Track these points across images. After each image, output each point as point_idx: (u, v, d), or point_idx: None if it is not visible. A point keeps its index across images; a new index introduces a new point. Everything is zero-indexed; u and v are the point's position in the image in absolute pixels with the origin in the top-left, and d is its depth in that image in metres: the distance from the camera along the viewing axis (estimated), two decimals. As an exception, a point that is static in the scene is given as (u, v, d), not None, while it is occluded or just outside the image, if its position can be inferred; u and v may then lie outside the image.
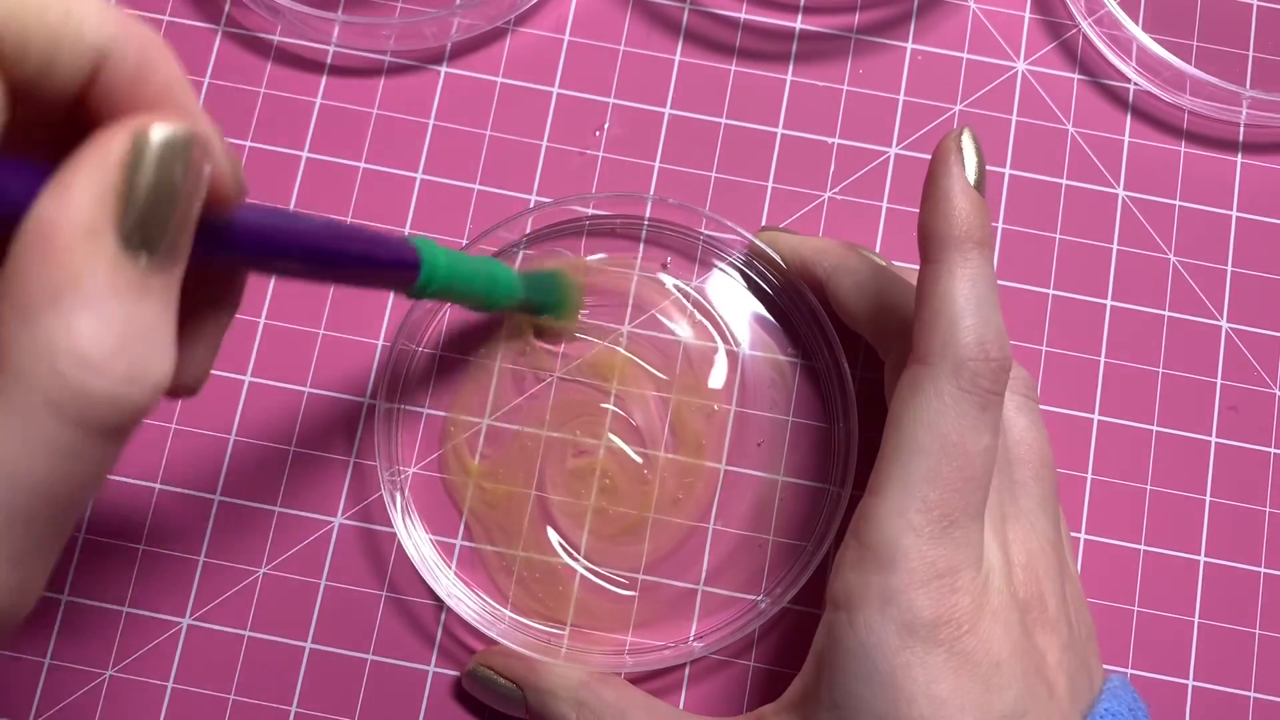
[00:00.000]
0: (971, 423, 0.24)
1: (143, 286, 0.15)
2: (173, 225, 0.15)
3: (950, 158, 0.25)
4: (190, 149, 0.16)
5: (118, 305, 0.15)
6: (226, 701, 0.31)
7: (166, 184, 0.15)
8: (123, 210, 0.15)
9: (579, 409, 0.32)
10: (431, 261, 0.25)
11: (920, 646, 0.23)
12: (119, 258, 0.15)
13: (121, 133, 0.15)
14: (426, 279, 0.25)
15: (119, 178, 0.15)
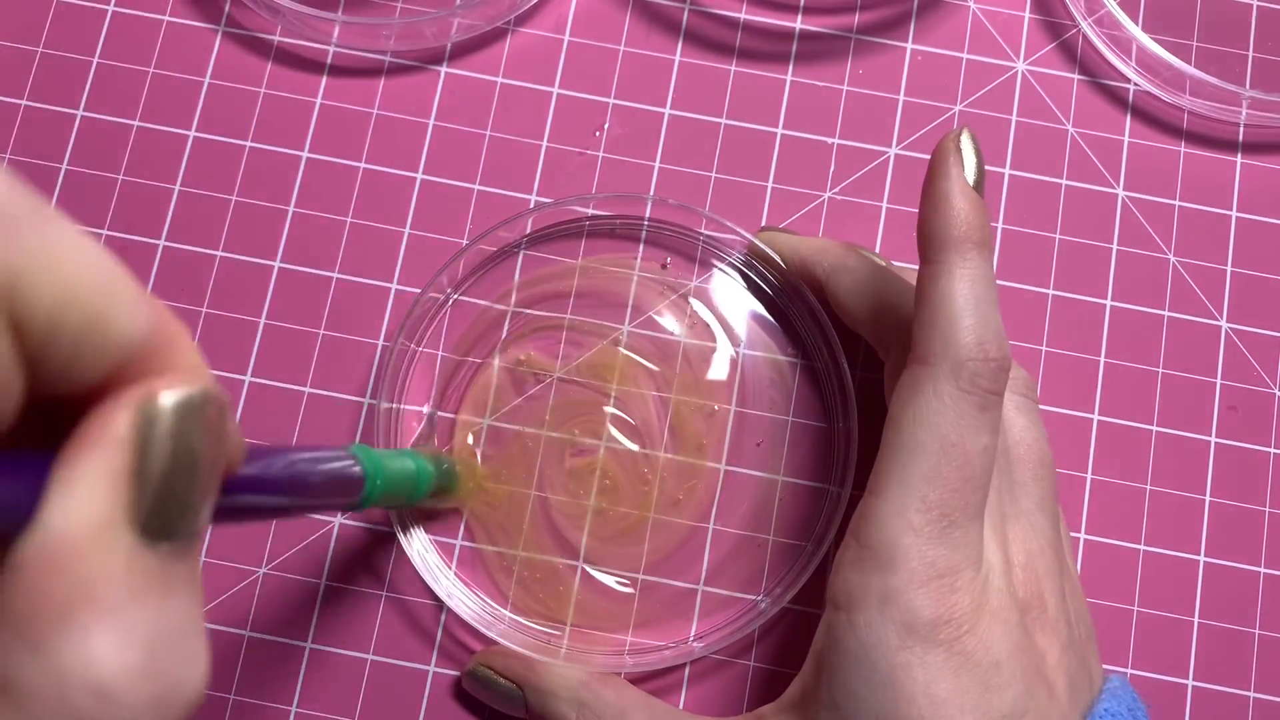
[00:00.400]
0: (971, 423, 0.24)
1: (166, 580, 0.13)
2: (195, 501, 0.13)
3: (949, 158, 0.25)
4: (207, 409, 0.13)
5: (141, 611, 0.12)
6: (226, 701, 0.31)
7: (185, 456, 0.13)
8: (137, 495, 0.12)
9: (579, 409, 0.32)
10: (373, 473, 0.23)
11: (920, 646, 0.23)
12: (137, 552, 0.12)
13: (127, 405, 0.13)
14: (368, 492, 0.23)
15: (129, 458, 0.13)
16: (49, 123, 0.35)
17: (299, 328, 0.33)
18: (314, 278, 0.34)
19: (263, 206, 0.34)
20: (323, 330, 0.33)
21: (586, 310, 0.33)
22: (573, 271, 0.33)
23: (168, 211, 0.34)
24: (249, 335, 0.33)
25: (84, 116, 0.35)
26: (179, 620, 0.13)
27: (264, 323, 0.33)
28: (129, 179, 0.34)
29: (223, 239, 0.34)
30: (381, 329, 0.33)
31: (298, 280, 0.34)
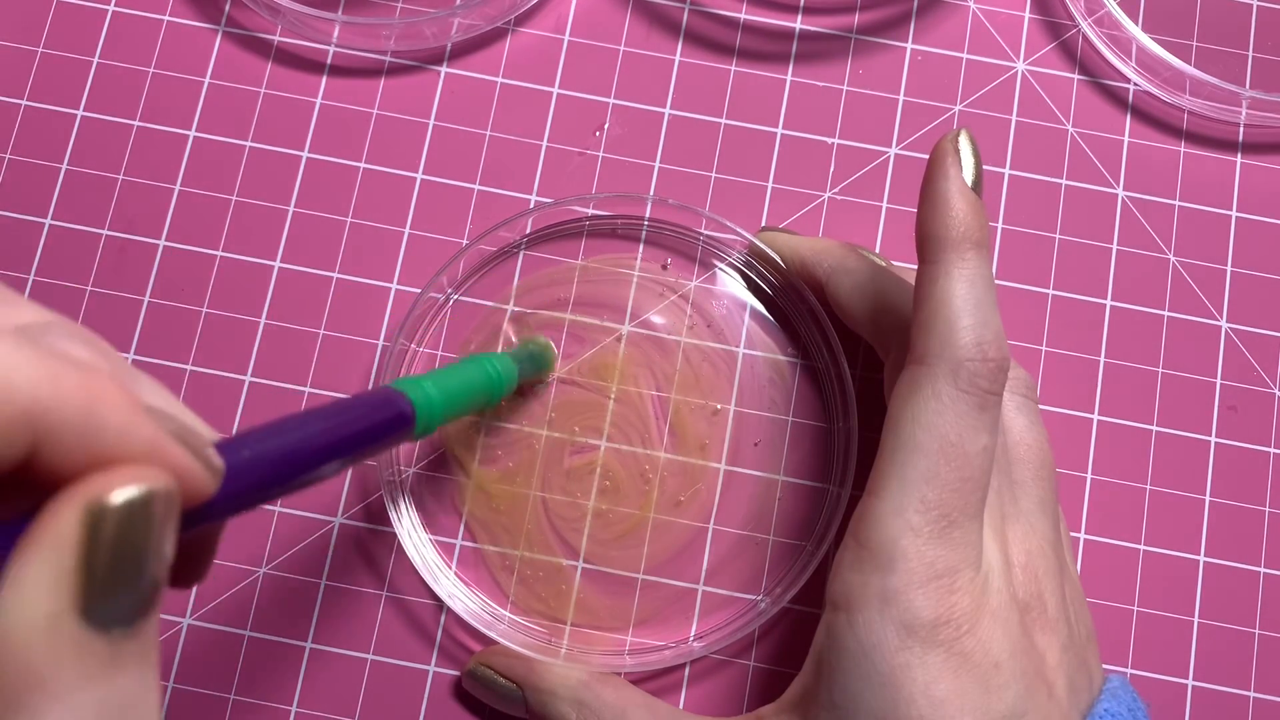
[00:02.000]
0: (970, 423, 0.24)
1: (116, 660, 0.13)
2: (142, 590, 0.14)
3: (947, 159, 0.25)
4: (152, 506, 0.14)
5: (90, 692, 0.13)
6: (226, 701, 0.31)
7: (130, 551, 0.13)
8: (85, 588, 0.13)
9: (579, 409, 0.32)
10: (425, 403, 0.23)
11: (919, 647, 0.23)
12: (85, 639, 0.13)
13: (71, 505, 0.13)
14: (425, 421, 0.23)
15: (76, 557, 0.13)
16: (49, 123, 0.35)
17: (299, 328, 0.33)
18: (314, 278, 0.34)
19: (263, 206, 0.34)
20: (323, 330, 0.33)
21: (587, 310, 0.33)
22: (573, 272, 0.33)
23: (168, 211, 0.34)
24: (249, 335, 0.33)
25: (84, 116, 0.35)
26: (130, 695, 0.13)
27: (264, 323, 0.33)
28: (129, 179, 0.34)
29: (223, 239, 0.34)
30: (381, 329, 0.33)
31: (298, 280, 0.34)
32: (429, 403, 0.23)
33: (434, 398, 0.24)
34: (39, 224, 0.34)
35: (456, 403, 0.25)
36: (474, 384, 0.26)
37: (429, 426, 0.24)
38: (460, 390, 0.25)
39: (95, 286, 0.34)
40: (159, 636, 0.14)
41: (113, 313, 0.33)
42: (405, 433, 0.23)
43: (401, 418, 0.22)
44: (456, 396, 0.25)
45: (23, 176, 0.34)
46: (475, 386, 0.27)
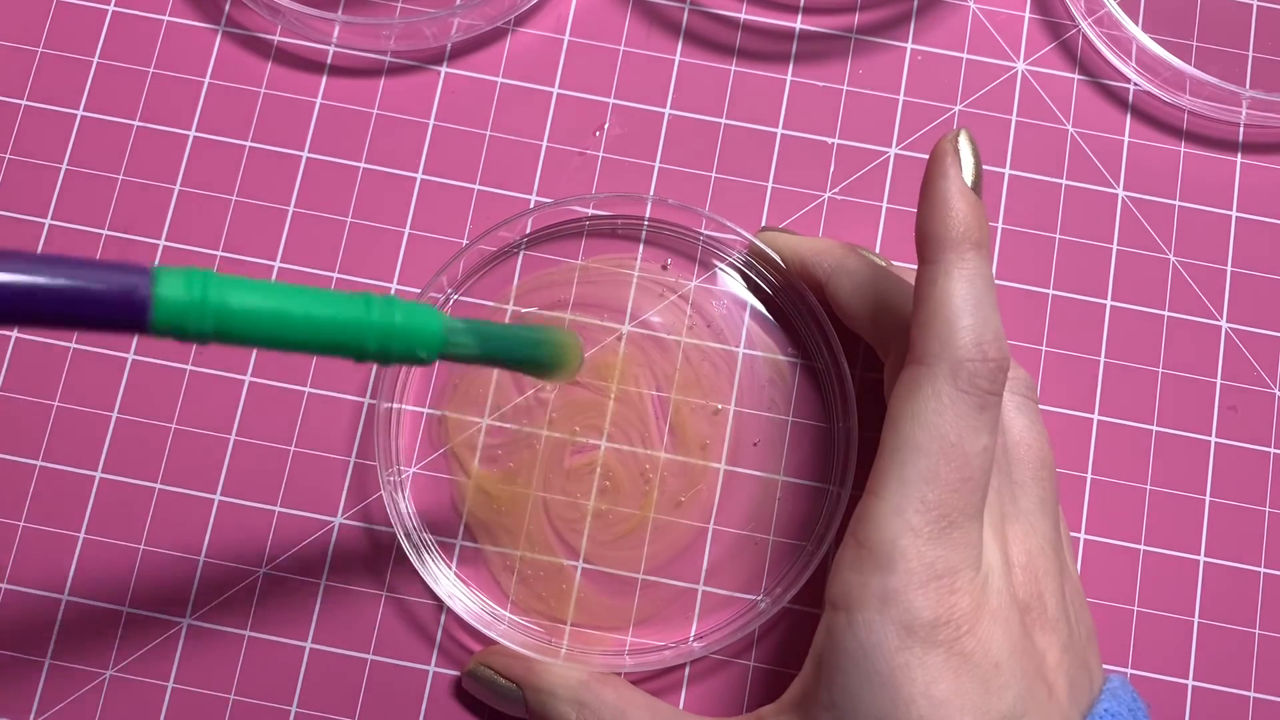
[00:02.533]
0: (969, 423, 0.24)
1: None
2: None
3: (947, 159, 0.25)
4: None
5: None
6: (226, 701, 0.31)
7: None
8: None
9: (579, 409, 0.32)
10: (179, 300, 0.19)
11: (919, 647, 0.23)
12: None
13: None
14: (174, 322, 0.19)
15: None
16: (49, 123, 0.35)
17: (299, 328, 0.33)
18: (314, 278, 0.34)
19: (263, 206, 0.34)
20: (323, 330, 0.33)
21: (587, 311, 0.33)
22: (573, 272, 0.33)
23: (168, 211, 0.34)
24: (249, 335, 0.33)
25: (84, 116, 0.35)
26: None
27: (264, 323, 0.33)
28: (129, 179, 0.34)
29: (223, 239, 0.34)
30: (381, 329, 0.33)
31: (298, 280, 0.34)
32: (189, 304, 0.19)
33: (204, 301, 0.19)
34: (39, 224, 0.34)
35: (251, 322, 0.20)
36: (305, 312, 0.21)
37: (185, 330, 0.19)
38: (271, 310, 0.20)
39: (95, 286, 0.33)
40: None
41: (113, 313, 0.33)
42: (127, 319, 0.19)
43: (126, 302, 0.19)
44: (255, 315, 0.20)
45: (23, 176, 0.34)
46: (305, 316, 0.21)
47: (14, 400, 0.33)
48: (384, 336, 0.21)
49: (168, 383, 0.33)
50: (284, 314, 0.20)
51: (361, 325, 0.21)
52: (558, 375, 0.26)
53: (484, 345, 0.24)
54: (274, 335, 0.20)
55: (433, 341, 0.22)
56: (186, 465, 0.32)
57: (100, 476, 0.32)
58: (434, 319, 0.22)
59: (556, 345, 0.26)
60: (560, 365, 0.26)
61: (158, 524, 0.32)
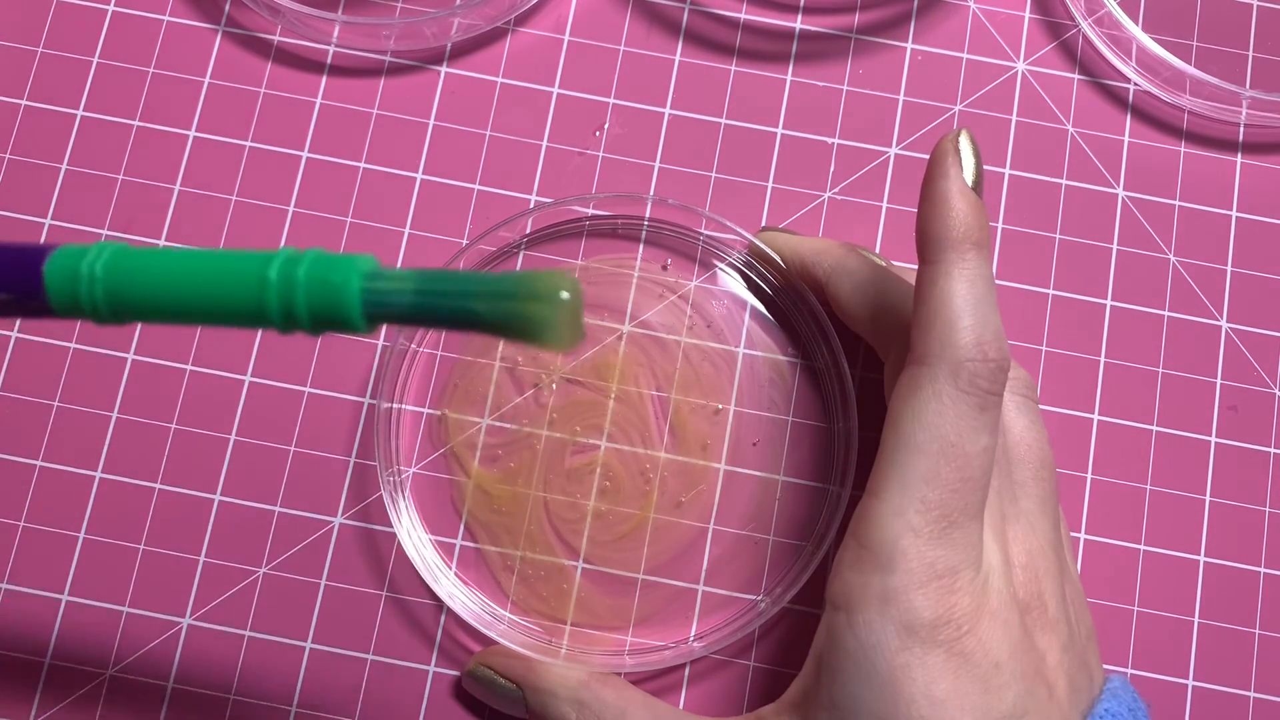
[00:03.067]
0: (970, 423, 0.24)
1: None
2: None
3: (948, 159, 0.25)
4: None
5: None
6: (226, 701, 0.31)
7: None
8: None
9: (579, 409, 0.32)
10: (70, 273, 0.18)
11: (919, 647, 0.23)
12: None
13: None
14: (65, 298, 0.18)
15: None
16: (49, 123, 0.35)
17: (299, 328, 0.33)
18: (314, 278, 0.34)
19: (263, 206, 0.34)
20: (323, 330, 0.33)
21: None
22: (573, 272, 0.33)
23: (168, 211, 0.34)
24: (249, 335, 0.33)
25: (84, 116, 0.35)
26: None
27: (264, 323, 0.33)
28: (129, 179, 0.34)
29: (223, 239, 0.34)
30: (382, 329, 0.33)
31: (298, 280, 0.34)
32: (81, 279, 0.18)
33: (93, 275, 0.18)
34: (39, 224, 0.34)
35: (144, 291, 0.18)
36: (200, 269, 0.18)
37: (84, 305, 0.18)
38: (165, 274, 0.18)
39: (95, 286, 0.33)
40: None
41: (113, 313, 0.33)
42: (29, 298, 0.18)
43: (19, 277, 0.18)
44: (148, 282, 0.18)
45: (23, 176, 0.34)
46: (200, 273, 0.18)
47: (14, 400, 0.33)
48: (285, 295, 0.18)
49: (168, 383, 0.33)
50: (179, 279, 0.18)
51: (260, 284, 0.18)
52: (548, 337, 0.18)
53: (429, 301, 0.18)
54: (171, 304, 0.18)
55: (349, 300, 0.18)
56: (186, 465, 0.32)
57: (100, 476, 0.32)
58: (349, 270, 0.18)
59: (537, 298, 0.18)
60: (546, 324, 0.18)
61: (158, 524, 0.32)
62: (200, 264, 0.18)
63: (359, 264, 0.18)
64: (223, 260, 0.18)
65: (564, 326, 0.18)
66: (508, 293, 0.18)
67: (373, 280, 0.18)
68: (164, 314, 0.19)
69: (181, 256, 0.19)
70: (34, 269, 0.18)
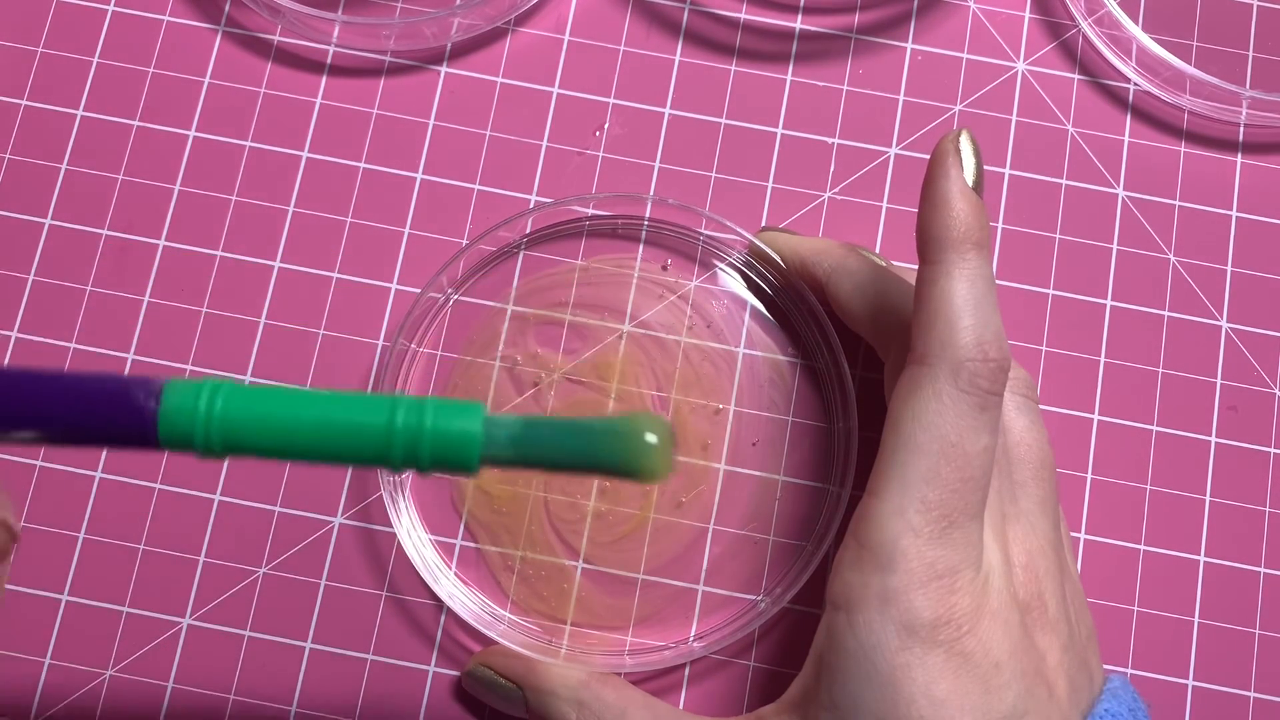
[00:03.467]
0: (970, 423, 0.24)
1: None
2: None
3: (948, 159, 0.25)
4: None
5: None
6: (226, 701, 0.31)
7: None
8: None
9: (580, 409, 0.32)
10: (189, 413, 0.18)
11: (920, 647, 0.23)
12: None
13: None
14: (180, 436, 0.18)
15: None
16: (49, 123, 0.35)
17: (299, 328, 0.33)
18: (314, 278, 0.34)
19: (263, 206, 0.34)
20: (323, 330, 0.33)
21: (587, 310, 0.33)
22: (573, 271, 0.33)
23: (168, 211, 0.34)
24: (249, 335, 0.33)
25: (84, 116, 0.35)
26: None
27: (264, 323, 0.33)
28: (129, 179, 0.34)
29: (223, 239, 0.34)
30: (381, 329, 0.33)
31: (298, 280, 0.34)
32: (198, 418, 0.18)
33: (210, 414, 0.18)
34: (39, 224, 0.34)
35: (262, 433, 0.19)
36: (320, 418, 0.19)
37: (198, 442, 0.18)
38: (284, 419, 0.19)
39: (95, 286, 0.34)
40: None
41: (113, 313, 0.33)
42: (138, 438, 0.18)
43: (131, 418, 0.18)
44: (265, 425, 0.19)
45: (23, 176, 0.34)
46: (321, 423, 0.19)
47: (14, 400, 0.33)
48: (410, 444, 0.19)
49: (168, 383, 0.33)
50: (297, 424, 0.19)
51: (385, 431, 0.19)
52: (644, 476, 0.20)
53: (538, 450, 0.19)
54: (289, 445, 0.19)
55: (469, 449, 0.19)
56: (186, 465, 0.32)
57: (100, 477, 0.32)
58: (472, 422, 0.19)
59: (635, 441, 0.19)
60: (644, 465, 0.19)
61: (158, 524, 0.32)
62: (320, 408, 0.19)
63: (476, 413, 0.19)
64: (343, 405, 0.19)
65: (657, 467, 0.19)
66: (603, 445, 0.19)
67: (493, 434, 0.19)
68: (279, 454, 0.19)
69: (299, 399, 0.19)
70: (144, 411, 0.18)
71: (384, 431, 0.19)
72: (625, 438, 0.19)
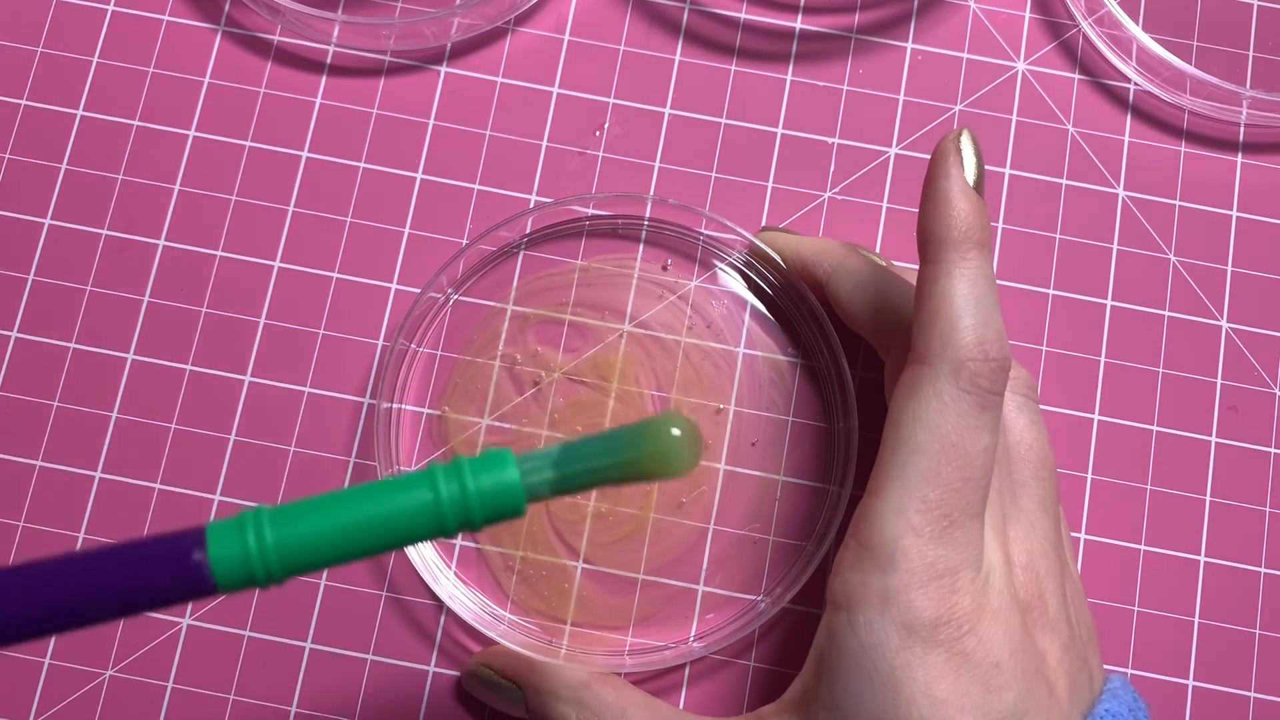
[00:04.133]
0: (971, 423, 0.24)
1: None
2: None
3: (949, 159, 0.25)
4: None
5: None
6: (226, 701, 0.31)
7: None
8: None
9: (580, 409, 0.32)
10: (241, 555, 0.18)
11: (920, 647, 0.23)
12: None
13: None
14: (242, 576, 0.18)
15: None
16: (49, 123, 0.35)
17: (299, 328, 0.33)
18: (314, 278, 0.34)
19: (263, 206, 0.34)
20: (323, 330, 0.33)
21: (587, 311, 0.33)
22: (573, 271, 0.33)
23: (168, 211, 0.34)
24: (249, 335, 0.33)
25: (84, 116, 0.35)
26: None
27: (264, 323, 0.33)
28: (129, 179, 0.34)
29: (223, 239, 0.34)
30: (381, 329, 0.33)
31: (298, 280, 0.34)
32: (251, 555, 0.18)
33: (263, 546, 0.18)
34: (39, 224, 0.34)
35: (319, 550, 0.19)
36: (369, 517, 0.19)
37: (258, 577, 0.19)
38: (330, 533, 0.19)
39: (95, 286, 0.33)
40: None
41: (112, 313, 0.33)
42: (200, 590, 0.19)
43: (187, 577, 0.18)
44: (319, 542, 0.19)
45: (23, 176, 0.34)
46: (371, 522, 0.19)
47: (14, 400, 0.33)
48: (460, 512, 0.19)
49: (168, 383, 0.33)
50: (348, 529, 0.19)
51: (433, 510, 0.19)
52: (678, 471, 0.20)
53: (574, 476, 0.20)
54: (347, 551, 0.19)
55: (514, 496, 0.20)
56: (186, 465, 0.32)
57: (100, 476, 0.32)
58: (508, 470, 0.20)
59: (662, 445, 0.20)
60: (673, 464, 0.20)
61: (158, 524, 0.32)
62: (364, 507, 0.19)
63: (509, 461, 0.20)
64: (384, 496, 0.19)
65: (688, 460, 0.20)
66: (634, 452, 0.20)
67: (530, 475, 0.20)
68: (340, 561, 0.19)
69: (341, 505, 0.19)
70: (196, 566, 0.18)
71: (432, 511, 0.19)
72: (653, 439, 0.20)
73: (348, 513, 0.19)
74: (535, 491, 0.20)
